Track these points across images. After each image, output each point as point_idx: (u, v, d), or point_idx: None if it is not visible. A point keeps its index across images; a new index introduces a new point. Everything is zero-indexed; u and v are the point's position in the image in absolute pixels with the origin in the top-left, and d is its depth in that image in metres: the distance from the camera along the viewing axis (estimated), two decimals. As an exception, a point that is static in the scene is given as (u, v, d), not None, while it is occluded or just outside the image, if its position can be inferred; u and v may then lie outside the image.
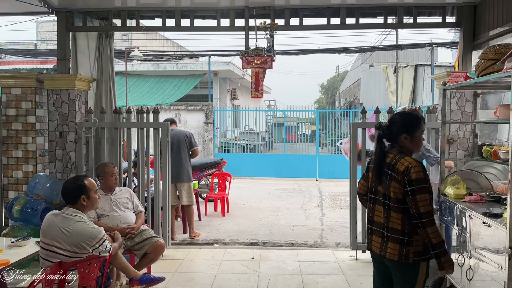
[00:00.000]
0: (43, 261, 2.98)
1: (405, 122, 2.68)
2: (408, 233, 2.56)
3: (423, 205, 2.48)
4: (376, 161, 2.74)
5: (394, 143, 2.71)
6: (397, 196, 2.59)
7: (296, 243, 5.68)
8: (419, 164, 2.56)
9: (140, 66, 16.65)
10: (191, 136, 6.06)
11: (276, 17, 5.15)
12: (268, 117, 17.89)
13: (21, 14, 5.88)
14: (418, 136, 2.68)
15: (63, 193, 3.13)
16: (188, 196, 5.97)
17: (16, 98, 4.99)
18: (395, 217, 2.61)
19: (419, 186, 2.50)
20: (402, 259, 2.56)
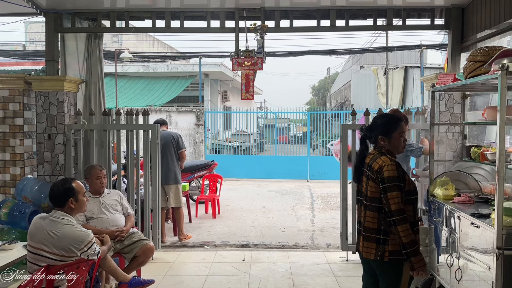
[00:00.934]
0: (31, 265, 2.94)
1: (382, 124, 2.75)
2: (384, 231, 2.60)
3: (394, 203, 2.51)
4: (356, 161, 2.83)
5: (375, 144, 2.77)
6: (374, 195, 2.64)
7: (287, 244, 5.67)
8: (392, 163, 2.61)
9: (130, 68, 16.55)
10: (178, 138, 6.03)
11: (267, 18, 5.16)
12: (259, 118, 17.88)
13: (9, 15, 5.79)
14: (395, 138, 2.72)
15: (51, 196, 3.09)
16: (175, 198, 5.95)
17: (4, 100, 4.92)
18: (370, 216, 2.66)
19: (391, 184, 2.54)
20: (377, 258, 2.60)
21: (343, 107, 23.24)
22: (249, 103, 21.41)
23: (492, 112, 3.43)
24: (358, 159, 2.83)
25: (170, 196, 5.94)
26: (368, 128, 2.79)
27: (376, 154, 2.70)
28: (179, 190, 6.00)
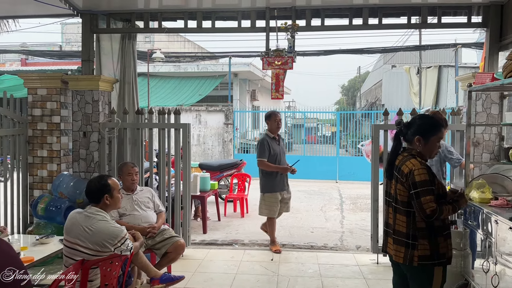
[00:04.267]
0: (66, 259, 3.03)
1: (422, 125, 2.67)
2: (413, 236, 2.55)
3: (428, 207, 2.46)
4: (388, 160, 2.77)
5: (408, 144, 2.70)
6: (402, 198, 2.59)
7: (316, 245, 5.63)
8: (423, 166, 2.53)
9: (162, 68, 16.85)
10: (257, 146, 5.58)
11: (297, 17, 5.13)
12: (287, 118, 17.84)
13: (47, 16, 6.00)
14: (432, 142, 2.64)
15: (87, 192, 3.17)
16: (259, 206, 5.60)
17: (42, 99, 5.11)
18: (400, 219, 2.61)
19: (423, 188, 2.47)
20: (406, 262, 2.56)
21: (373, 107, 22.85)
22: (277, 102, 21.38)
23: (533, 112, 3.29)
24: (391, 155, 2.76)
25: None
26: (406, 125, 2.71)
27: (405, 157, 2.63)
28: (263, 199, 5.46)
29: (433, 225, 2.53)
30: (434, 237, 2.54)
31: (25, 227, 5.13)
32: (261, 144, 5.36)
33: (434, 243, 2.53)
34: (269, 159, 5.28)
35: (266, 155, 5.28)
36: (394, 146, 2.75)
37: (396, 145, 2.74)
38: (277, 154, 5.33)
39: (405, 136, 2.70)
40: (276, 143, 5.39)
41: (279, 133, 5.51)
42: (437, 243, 2.53)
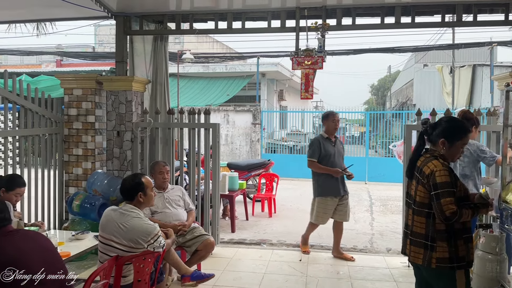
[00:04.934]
0: (101, 255, 3.11)
1: (449, 128, 2.61)
2: (432, 238, 2.51)
3: (448, 209, 2.41)
4: (410, 159, 2.73)
5: (432, 145, 2.65)
6: (422, 200, 2.55)
7: (345, 247, 5.57)
8: (444, 168, 2.49)
9: (191, 68, 17.07)
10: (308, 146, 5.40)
11: (328, 17, 5.09)
12: (315, 118, 17.71)
13: (83, 19, 6.17)
14: (456, 147, 2.59)
15: (122, 190, 3.24)
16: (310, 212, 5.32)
17: (77, 99, 5.28)
18: (418, 221, 2.58)
19: (444, 190, 2.43)
20: (425, 264, 2.53)
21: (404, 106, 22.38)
22: (305, 102, 21.28)
23: None
24: (414, 154, 2.73)
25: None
26: (432, 125, 2.67)
27: (427, 158, 2.59)
28: (314, 204, 5.20)
29: (453, 228, 2.50)
30: (454, 240, 2.50)
31: (61, 223, 5.32)
32: (312, 143, 5.14)
33: (453, 246, 2.49)
34: (322, 160, 5.01)
35: (317, 155, 5.00)
36: (418, 145, 2.72)
37: (420, 145, 2.71)
38: (330, 155, 5.04)
39: (429, 137, 2.67)
40: (331, 144, 5.11)
41: (336, 135, 5.27)
42: (456, 246, 2.50)
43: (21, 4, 5.49)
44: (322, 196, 5.05)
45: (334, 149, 5.11)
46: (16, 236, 2.27)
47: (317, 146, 5.05)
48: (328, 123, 5.19)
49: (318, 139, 5.14)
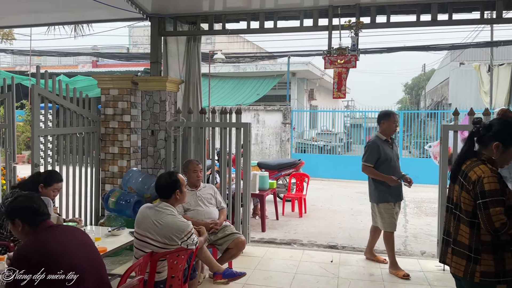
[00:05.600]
0: (137, 251, 3.19)
1: (506, 131, 2.36)
2: (476, 250, 2.32)
3: (498, 220, 2.21)
4: (456, 161, 2.51)
5: (482, 147, 2.42)
6: (467, 207, 2.35)
7: (378, 249, 5.46)
8: (493, 174, 2.27)
9: (222, 68, 17.21)
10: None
11: (361, 15, 5.02)
12: (346, 118, 17.49)
13: (119, 20, 6.34)
14: (510, 152, 2.36)
15: (158, 188, 3.30)
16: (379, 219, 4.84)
17: (114, 99, 5.43)
18: (463, 230, 2.38)
19: (493, 198, 2.22)
20: (467, 277, 2.33)
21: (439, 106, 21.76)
22: (335, 102, 21.03)
23: None
24: (461, 156, 2.50)
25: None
26: (486, 127, 2.42)
27: (474, 162, 2.37)
28: (378, 211, 4.76)
29: (499, 239, 2.29)
30: (500, 253, 2.29)
31: (97, 219, 5.48)
32: (370, 146, 4.66)
33: (500, 259, 2.28)
34: (381, 165, 4.59)
35: (374, 159, 4.58)
36: (467, 147, 2.48)
37: (469, 146, 2.47)
38: (390, 159, 4.62)
39: (481, 138, 2.43)
40: (389, 146, 4.70)
41: (392, 136, 4.84)
42: (503, 259, 2.29)
43: (61, 7, 5.70)
44: (386, 202, 4.64)
45: (392, 151, 4.73)
46: (57, 231, 2.37)
47: (375, 150, 4.59)
48: (389, 123, 4.70)
49: (376, 141, 4.67)
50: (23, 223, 2.29)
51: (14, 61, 23.76)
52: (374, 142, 4.69)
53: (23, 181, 4.07)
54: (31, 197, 2.43)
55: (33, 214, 2.31)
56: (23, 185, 3.79)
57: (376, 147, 4.62)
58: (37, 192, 3.58)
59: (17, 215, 2.30)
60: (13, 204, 2.36)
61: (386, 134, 4.74)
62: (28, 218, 2.30)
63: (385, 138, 4.72)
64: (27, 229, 2.30)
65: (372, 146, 4.65)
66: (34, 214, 2.31)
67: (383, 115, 4.78)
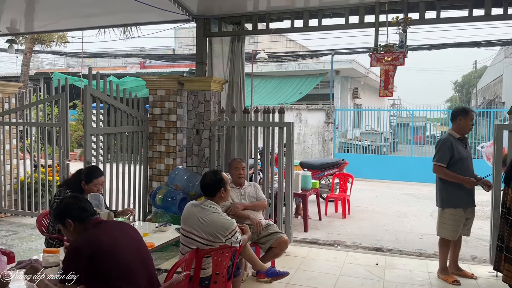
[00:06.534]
0: (183, 247, 3.26)
1: None
2: None
3: None
4: (510, 165, 2.37)
5: None
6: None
7: (426, 253, 5.29)
8: None
9: (264, 68, 17.27)
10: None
11: (409, 11, 4.87)
12: (392, 116, 17.00)
13: (166, 22, 6.52)
14: None
15: (204, 186, 3.34)
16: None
17: (161, 99, 5.59)
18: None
19: None
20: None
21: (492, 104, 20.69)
22: (381, 100, 20.53)
23: None
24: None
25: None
26: None
27: None
28: (442, 216, 4.39)
29: None
30: None
31: (145, 215, 5.67)
32: (442, 145, 4.28)
33: None
34: (453, 165, 4.24)
35: (447, 159, 4.22)
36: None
37: None
38: (463, 159, 4.26)
39: None
40: (462, 145, 4.32)
41: (466, 135, 4.47)
42: None
43: (110, 11, 5.94)
44: (455, 207, 4.28)
45: (466, 151, 4.34)
46: (107, 226, 2.46)
47: (448, 148, 4.22)
48: (466, 121, 4.30)
49: (449, 139, 4.28)
50: (73, 222, 2.40)
51: (67, 63, 25.02)
52: (447, 139, 4.29)
53: (68, 179, 4.23)
54: (76, 196, 2.55)
55: (81, 212, 2.42)
56: (68, 183, 3.92)
57: (449, 146, 4.23)
58: (81, 189, 3.72)
59: (67, 216, 2.40)
60: (61, 206, 2.46)
61: (460, 132, 4.34)
62: (77, 216, 2.40)
63: (459, 137, 4.34)
64: (78, 227, 2.40)
65: (445, 144, 4.26)
66: (82, 212, 2.42)
67: (460, 111, 4.39)
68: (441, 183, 4.34)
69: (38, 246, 5.10)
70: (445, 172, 4.24)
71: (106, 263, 2.24)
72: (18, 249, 5.18)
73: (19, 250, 5.14)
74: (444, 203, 4.33)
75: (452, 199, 4.26)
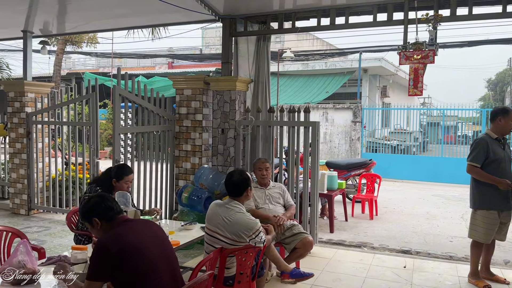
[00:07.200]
0: (207, 246, 3.28)
1: None
2: None
3: None
4: None
5: None
6: None
7: (456, 256, 5.13)
8: None
9: (291, 66, 17.18)
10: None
11: (440, 7, 4.72)
12: (422, 116, 16.59)
13: (193, 22, 6.57)
14: None
15: (231, 185, 3.32)
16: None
17: (187, 98, 5.65)
18: None
19: None
20: None
21: (527, 103, 19.89)
22: (411, 99, 20.06)
23: None
24: None
25: None
26: None
27: None
28: (475, 218, 4.25)
29: None
30: None
31: (171, 213, 5.75)
32: (477, 144, 4.16)
33: None
34: (488, 166, 4.11)
35: (481, 159, 4.10)
36: None
37: None
38: (500, 160, 4.11)
39: None
40: (500, 146, 4.18)
41: (505, 136, 4.29)
42: None
43: (138, 12, 6.04)
44: (489, 209, 4.13)
45: (505, 152, 4.18)
46: (133, 224, 2.50)
47: (484, 148, 4.10)
48: (506, 120, 4.13)
49: (485, 139, 4.16)
50: (100, 220, 2.45)
51: (98, 63, 25.68)
52: (483, 139, 4.16)
53: (98, 177, 4.33)
54: (102, 195, 2.59)
55: (108, 210, 2.46)
56: (98, 180, 4.01)
57: (485, 145, 4.11)
58: (112, 186, 3.80)
59: (94, 214, 2.45)
60: (87, 205, 2.51)
61: (499, 132, 4.19)
62: (104, 214, 2.45)
63: (496, 137, 4.18)
64: (105, 225, 2.45)
65: (480, 144, 4.13)
66: (108, 210, 2.46)
67: (500, 110, 4.23)
68: (475, 183, 4.20)
69: (69, 242, 5.25)
70: (479, 173, 4.11)
71: (131, 261, 2.27)
72: (49, 244, 5.36)
73: (50, 245, 5.31)
74: (476, 204, 4.19)
75: (485, 200, 4.12)
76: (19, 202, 7.03)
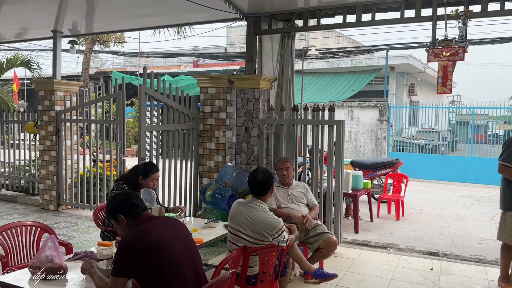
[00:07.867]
0: (230, 244, 3.29)
1: None
2: None
3: None
4: None
5: None
6: None
7: (485, 259, 4.97)
8: None
9: (316, 64, 17.03)
10: None
11: (470, 3, 4.57)
12: (451, 114, 16.16)
13: (217, 21, 6.61)
14: None
15: (255, 184, 3.28)
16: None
17: (211, 97, 5.67)
18: None
19: None
20: None
21: None
22: (439, 97, 19.54)
23: None
24: None
25: None
26: None
27: None
28: (504, 219, 4.10)
29: None
30: None
31: (195, 210, 5.80)
32: (509, 144, 4.00)
33: None
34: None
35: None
36: None
37: None
38: None
39: None
40: None
41: None
42: None
43: (164, 11, 6.11)
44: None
45: None
46: (157, 222, 2.52)
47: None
48: None
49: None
50: (125, 217, 2.48)
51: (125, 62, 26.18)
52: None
53: (125, 174, 4.39)
54: (127, 193, 2.63)
55: (133, 208, 2.49)
56: (125, 177, 4.07)
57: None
58: (138, 184, 3.84)
59: (119, 211, 2.49)
60: (113, 203, 2.54)
61: None
62: (129, 212, 2.48)
63: None
64: (130, 222, 2.48)
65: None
66: (133, 207, 2.50)
67: None
68: (506, 184, 4.06)
69: (95, 238, 5.37)
70: (511, 173, 3.97)
71: (156, 258, 2.29)
72: (76, 240, 5.50)
73: (78, 241, 5.44)
74: (507, 205, 4.04)
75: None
76: (48, 198, 7.24)
